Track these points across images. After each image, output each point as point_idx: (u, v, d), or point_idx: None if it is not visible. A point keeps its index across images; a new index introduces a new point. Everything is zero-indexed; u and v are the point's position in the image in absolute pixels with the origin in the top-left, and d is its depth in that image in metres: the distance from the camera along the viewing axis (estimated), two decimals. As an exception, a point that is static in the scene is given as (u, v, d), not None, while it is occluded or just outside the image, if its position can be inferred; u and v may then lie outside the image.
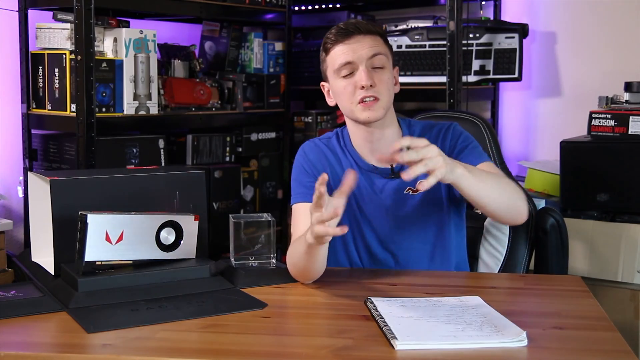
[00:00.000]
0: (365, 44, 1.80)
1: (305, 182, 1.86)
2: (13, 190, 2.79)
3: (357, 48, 1.79)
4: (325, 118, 3.47)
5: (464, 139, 1.87)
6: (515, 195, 1.73)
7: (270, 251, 1.80)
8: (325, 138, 1.95)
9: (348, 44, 1.80)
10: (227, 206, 3.10)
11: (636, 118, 2.60)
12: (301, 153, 1.93)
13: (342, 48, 1.80)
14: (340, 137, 1.93)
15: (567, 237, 2.00)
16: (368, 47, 1.79)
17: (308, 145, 1.94)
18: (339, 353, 1.30)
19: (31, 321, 1.49)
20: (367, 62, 1.79)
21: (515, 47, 3.05)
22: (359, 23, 1.83)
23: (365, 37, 1.80)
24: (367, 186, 1.86)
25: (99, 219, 1.60)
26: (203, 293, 1.65)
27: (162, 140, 2.82)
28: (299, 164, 1.91)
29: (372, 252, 1.88)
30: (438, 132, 1.88)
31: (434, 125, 1.91)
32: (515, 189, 1.74)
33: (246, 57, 3.35)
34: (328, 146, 1.92)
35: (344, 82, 1.81)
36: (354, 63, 1.79)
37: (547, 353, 1.31)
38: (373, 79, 1.78)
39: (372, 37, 1.81)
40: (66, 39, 2.54)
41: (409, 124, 1.92)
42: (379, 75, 1.79)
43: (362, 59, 1.78)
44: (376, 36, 1.82)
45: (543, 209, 2.02)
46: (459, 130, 1.89)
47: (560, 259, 1.99)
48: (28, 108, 2.69)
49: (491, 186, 1.67)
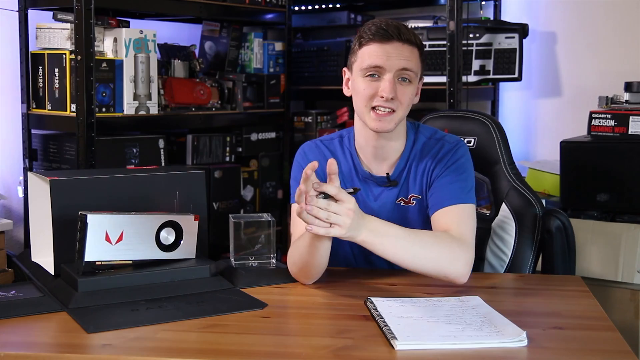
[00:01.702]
0: (401, 53, 1.71)
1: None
2: (13, 190, 2.79)
3: (392, 55, 1.71)
4: (325, 118, 3.46)
5: (457, 167, 1.78)
6: (445, 262, 1.63)
7: (270, 251, 1.80)
8: (327, 139, 1.92)
9: (383, 47, 1.71)
10: (227, 206, 3.10)
11: (636, 118, 2.60)
12: (301, 153, 1.92)
13: (376, 49, 1.72)
14: (345, 139, 1.89)
15: (573, 239, 1.97)
16: (403, 58, 1.71)
17: (308, 145, 1.92)
18: (339, 353, 1.30)
19: (31, 321, 1.49)
20: (396, 72, 1.71)
21: (515, 47, 3.05)
22: (401, 28, 1.73)
23: (403, 45, 1.72)
24: (363, 193, 1.84)
25: (99, 219, 1.60)
26: (203, 293, 1.65)
27: (162, 140, 2.82)
28: (297, 164, 1.90)
29: (368, 258, 1.87)
30: (439, 150, 1.82)
31: (439, 140, 1.84)
32: (448, 254, 1.63)
33: (246, 57, 3.35)
34: (329, 147, 1.90)
35: (366, 82, 1.74)
36: (383, 69, 1.71)
37: (547, 353, 1.31)
38: (396, 92, 1.71)
39: (411, 48, 1.73)
40: (66, 39, 2.54)
41: (417, 130, 1.86)
42: (403, 88, 1.73)
43: (392, 68, 1.71)
44: (414, 48, 1.74)
45: (549, 211, 1.99)
46: (457, 156, 1.80)
47: (567, 260, 1.96)
48: (28, 108, 2.69)
49: (406, 251, 1.61)
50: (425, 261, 1.62)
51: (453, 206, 1.73)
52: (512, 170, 2.06)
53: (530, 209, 2.00)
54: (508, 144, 2.11)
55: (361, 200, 1.84)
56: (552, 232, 1.96)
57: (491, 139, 2.08)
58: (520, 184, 2.04)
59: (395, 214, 1.82)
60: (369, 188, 1.85)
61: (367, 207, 1.83)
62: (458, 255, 1.64)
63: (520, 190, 2.03)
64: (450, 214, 1.72)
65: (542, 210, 2.00)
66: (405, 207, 1.82)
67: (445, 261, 1.63)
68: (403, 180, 1.82)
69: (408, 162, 1.83)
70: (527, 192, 2.03)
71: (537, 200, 2.01)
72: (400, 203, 1.82)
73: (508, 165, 2.07)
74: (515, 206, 2.01)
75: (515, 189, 2.03)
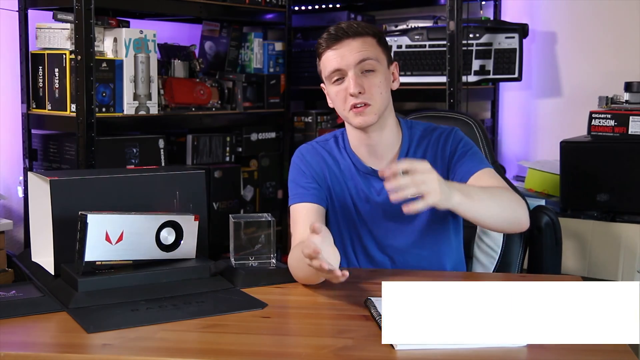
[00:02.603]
0: (353, 48, 1.75)
1: (302, 182, 1.86)
2: (13, 190, 2.79)
3: (346, 54, 1.75)
4: (325, 118, 3.47)
5: (464, 144, 1.85)
6: (515, 206, 1.70)
7: (270, 251, 1.80)
8: (322, 140, 1.94)
9: (337, 50, 1.76)
10: (227, 206, 3.10)
11: (636, 118, 2.60)
12: (298, 155, 1.92)
13: (331, 54, 1.77)
14: (339, 139, 1.91)
15: (561, 235, 2.02)
16: (356, 51, 1.75)
17: (305, 147, 1.93)
18: (339, 353, 1.30)
19: (31, 321, 1.49)
20: (355, 68, 1.75)
21: (515, 47, 3.05)
22: (349, 26, 1.77)
23: (354, 40, 1.76)
24: (365, 189, 1.85)
25: (99, 219, 1.60)
26: (203, 293, 1.65)
27: (162, 140, 2.82)
28: (295, 166, 1.90)
29: (370, 254, 1.87)
30: (439, 135, 1.87)
31: (435, 129, 1.89)
32: (514, 200, 1.71)
33: (246, 57, 3.35)
34: (325, 148, 1.91)
35: (336, 88, 1.79)
36: (343, 70, 1.76)
37: (547, 353, 1.31)
38: (362, 85, 1.74)
39: (362, 39, 1.76)
40: (66, 39, 2.54)
41: (410, 125, 1.90)
42: (369, 79, 1.76)
43: (350, 65, 1.75)
44: (366, 37, 1.77)
45: (537, 207, 2.04)
46: (460, 135, 1.87)
47: (554, 256, 2.01)
48: (28, 108, 2.69)
49: (490, 204, 1.65)
50: (503, 207, 1.68)
51: (480, 171, 1.79)
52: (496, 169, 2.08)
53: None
54: (491, 143, 2.15)
55: (364, 196, 1.85)
56: (541, 228, 1.99)
57: (474, 138, 2.10)
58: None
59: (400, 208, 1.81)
60: (371, 183, 1.85)
61: (372, 202, 1.84)
62: (521, 201, 1.74)
63: None
64: (483, 177, 1.78)
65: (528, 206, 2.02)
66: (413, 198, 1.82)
67: (516, 205, 1.71)
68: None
69: (408, 156, 1.84)
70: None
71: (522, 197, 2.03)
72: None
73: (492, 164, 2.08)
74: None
75: None
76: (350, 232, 1.87)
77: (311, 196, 1.84)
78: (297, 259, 1.66)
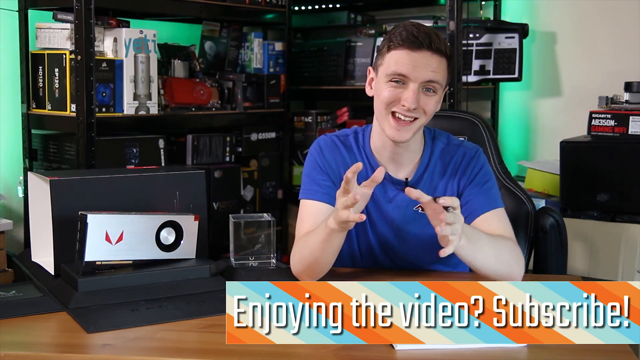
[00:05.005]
0: (429, 64, 1.67)
1: (317, 179, 1.81)
2: (13, 190, 2.79)
3: (419, 65, 1.66)
4: (325, 118, 3.46)
5: (484, 174, 1.79)
6: (512, 263, 1.67)
7: (270, 251, 1.80)
8: (343, 135, 1.88)
9: (412, 56, 1.66)
10: (227, 206, 3.10)
11: (636, 118, 2.60)
12: (316, 147, 1.86)
13: (404, 56, 1.67)
14: (360, 137, 1.86)
15: (566, 237, 2.01)
16: (430, 70, 1.67)
17: (324, 139, 1.87)
18: (339, 353, 1.30)
19: (31, 321, 1.49)
20: (421, 83, 1.67)
21: (515, 47, 3.05)
22: (432, 37, 1.67)
23: (432, 55, 1.67)
24: (378, 192, 1.80)
25: (99, 219, 1.60)
26: (203, 293, 1.65)
27: (162, 140, 2.82)
28: (312, 159, 1.84)
29: (374, 254, 1.86)
30: (462, 155, 1.81)
31: (458, 145, 1.83)
32: (513, 256, 1.68)
33: (246, 57, 3.35)
34: (344, 143, 1.85)
35: (390, 87, 1.69)
36: (408, 78, 1.67)
37: (547, 353, 1.31)
38: (419, 103, 1.68)
39: (440, 59, 1.68)
40: (66, 39, 2.54)
41: (434, 136, 1.84)
42: (426, 99, 1.69)
43: (418, 79, 1.67)
44: (443, 58, 1.69)
45: (542, 209, 2.02)
46: (482, 160, 1.81)
47: (560, 258, 1.99)
48: (28, 108, 2.69)
49: (488, 255, 1.63)
50: (500, 267, 1.65)
51: (492, 211, 1.75)
52: (502, 170, 2.07)
53: (523, 207, 2.01)
54: (497, 144, 2.13)
55: (376, 199, 1.81)
56: (546, 230, 1.98)
57: (481, 139, 2.09)
58: (511, 182, 2.05)
59: (412, 220, 1.81)
60: (385, 189, 1.81)
61: (381, 209, 1.82)
62: (520, 256, 1.70)
63: (512, 189, 2.04)
64: (493, 219, 1.74)
65: (533, 208, 2.01)
66: (422, 215, 1.75)
67: (514, 263, 1.67)
68: (421, 186, 1.78)
69: (428, 168, 1.81)
70: (518, 190, 2.03)
71: (528, 199, 2.02)
72: (419, 210, 1.79)
73: (498, 164, 2.08)
74: (507, 205, 2.01)
75: (506, 187, 2.04)
76: (357, 229, 1.84)
77: (323, 195, 1.79)
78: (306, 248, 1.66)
